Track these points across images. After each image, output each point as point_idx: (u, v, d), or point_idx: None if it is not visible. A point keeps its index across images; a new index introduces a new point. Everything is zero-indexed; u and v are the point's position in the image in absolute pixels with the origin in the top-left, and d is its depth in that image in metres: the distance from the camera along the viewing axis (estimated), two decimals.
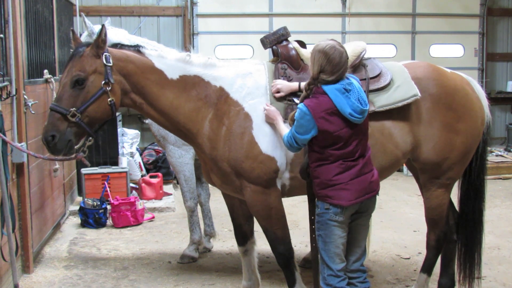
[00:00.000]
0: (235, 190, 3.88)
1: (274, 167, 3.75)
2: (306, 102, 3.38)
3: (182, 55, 3.85)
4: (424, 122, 3.95)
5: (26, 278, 5.02)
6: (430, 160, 4.00)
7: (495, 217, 6.88)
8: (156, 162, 8.78)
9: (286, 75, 3.91)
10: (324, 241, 3.45)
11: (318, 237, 3.49)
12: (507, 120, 11.69)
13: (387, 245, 5.85)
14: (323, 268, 3.48)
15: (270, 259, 5.23)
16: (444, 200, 4.14)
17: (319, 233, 3.48)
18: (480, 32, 10.96)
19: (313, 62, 3.37)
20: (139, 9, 10.26)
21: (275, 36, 4.10)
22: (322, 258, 3.48)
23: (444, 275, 4.36)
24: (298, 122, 3.38)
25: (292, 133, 3.44)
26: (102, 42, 3.56)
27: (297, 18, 10.22)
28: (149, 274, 5.14)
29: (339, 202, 3.38)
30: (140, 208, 6.84)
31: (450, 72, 4.21)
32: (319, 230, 3.48)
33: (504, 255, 5.54)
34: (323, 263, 3.48)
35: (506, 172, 9.30)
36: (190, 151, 5.32)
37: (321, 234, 3.46)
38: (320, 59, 3.34)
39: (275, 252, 3.94)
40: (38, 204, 5.57)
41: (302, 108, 3.37)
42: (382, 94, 3.87)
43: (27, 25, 5.41)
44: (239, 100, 3.79)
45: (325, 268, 3.47)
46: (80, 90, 3.52)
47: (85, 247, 5.98)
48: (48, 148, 3.54)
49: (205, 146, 3.79)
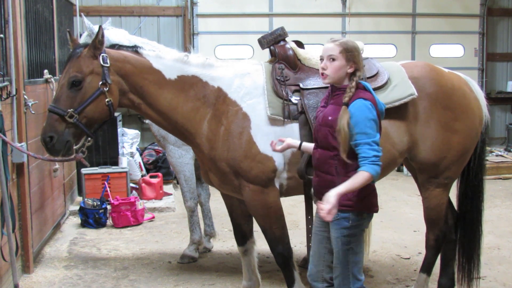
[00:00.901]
0: (233, 189, 3.88)
1: (272, 166, 3.76)
2: (363, 96, 3.10)
3: (180, 55, 3.86)
4: (421, 121, 3.95)
5: (26, 278, 5.03)
6: (427, 159, 4.00)
7: (495, 217, 6.88)
8: (156, 162, 8.78)
9: (283, 75, 3.92)
10: (355, 253, 3.21)
11: (348, 250, 3.19)
12: (507, 120, 11.70)
13: (387, 245, 5.86)
14: (350, 282, 3.22)
15: (270, 259, 5.23)
16: (442, 199, 4.14)
17: (351, 246, 3.19)
18: (480, 32, 10.97)
19: (356, 59, 3.16)
20: (139, 9, 10.27)
21: (273, 36, 4.11)
22: (352, 272, 3.21)
23: (444, 275, 4.36)
24: (368, 122, 3.04)
25: (373, 141, 3.04)
26: (99, 43, 3.56)
27: (297, 18, 10.23)
28: (149, 274, 5.14)
29: (376, 209, 3.25)
30: (140, 208, 6.84)
31: (447, 72, 4.21)
32: (350, 244, 3.19)
33: (504, 255, 5.54)
34: (352, 277, 3.22)
35: (506, 172, 9.30)
36: (190, 151, 5.32)
37: (352, 247, 3.19)
38: (359, 56, 3.20)
39: (274, 252, 3.94)
40: (38, 204, 5.57)
41: (367, 103, 3.07)
42: (379, 94, 3.86)
43: (27, 25, 5.41)
44: (237, 100, 3.80)
45: (352, 282, 3.22)
46: (78, 91, 3.52)
47: (85, 247, 5.98)
48: (46, 149, 3.55)
49: (204, 146, 3.80)
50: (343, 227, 3.17)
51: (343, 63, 3.15)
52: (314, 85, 3.86)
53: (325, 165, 3.21)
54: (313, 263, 3.43)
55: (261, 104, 3.80)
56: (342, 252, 3.20)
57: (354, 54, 3.16)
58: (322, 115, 3.25)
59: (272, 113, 3.77)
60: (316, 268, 3.41)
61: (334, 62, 3.16)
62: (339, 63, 3.15)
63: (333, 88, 3.26)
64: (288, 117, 3.78)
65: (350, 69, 3.17)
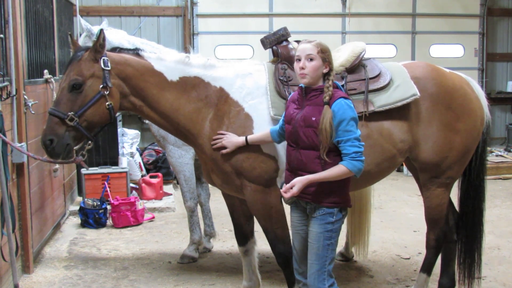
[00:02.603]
0: (235, 189, 3.88)
1: (275, 166, 3.76)
2: (343, 96, 3.23)
3: (181, 56, 3.86)
4: (423, 121, 3.95)
5: (26, 278, 5.02)
6: (429, 159, 4.00)
7: (495, 217, 6.88)
8: (156, 162, 8.78)
9: (286, 75, 3.91)
10: (333, 249, 3.33)
11: (329, 246, 3.29)
12: (507, 120, 11.70)
13: (387, 245, 5.86)
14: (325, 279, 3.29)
15: (270, 259, 5.23)
16: (443, 199, 4.14)
17: (331, 241, 3.30)
18: (480, 32, 10.98)
19: (330, 59, 3.30)
20: (139, 9, 10.27)
21: (275, 36, 4.11)
22: (328, 269, 3.30)
23: (444, 275, 4.36)
24: (351, 121, 3.17)
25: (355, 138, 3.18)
26: (100, 46, 3.56)
27: (297, 18, 10.23)
28: (149, 274, 5.14)
29: (351, 203, 3.38)
30: (140, 208, 6.84)
31: (449, 72, 4.22)
32: (331, 239, 3.30)
33: (504, 255, 5.54)
34: (327, 274, 3.30)
35: (506, 172, 9.31)
36: (190, 151, 5.33)
37: (332, 242, 3.31)
38: (330, 57, 3.32)
39: (275, 252, 3.94)
40: (38, 204, 5.57)
41: (348, 102, 3.21)
42: (381, 94, 3.88)
43: (27, 25, 5.41)
44: (239, 100, 3.80)
45: (327, 279, 3.30)
46: (78, 94, 3.52)
47: (85, 247, 5.98)
48: (46, 152, 3.55)
49: (206, 146, 3.79)
50: (327, 222, 3.29)
51: (320, 63, 3.28)
52: None
53: (312, 165, 3.27)
54: (300, 261, 3.48)
55: (263, 104, 3.80)
56: (322, 248, 3.30)
57: (329, 55, 3.31)
58: (303, 117, 3.30)
59: (276, 113, 3.76)
60: (303, 264, 3.45)
61: (312, 62, 3.28)
62: (317, 63, 3.28)
63: (307, 89, 3.34)
64: None
65: (326, 69, 3.30)
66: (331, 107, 3.19)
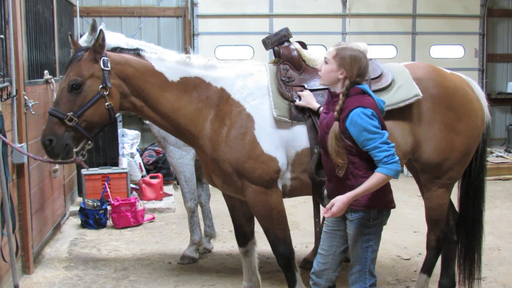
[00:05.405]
0: (236, 190, 3.88)
1: (276, 167, 3.75)
2: (360, 103, 3.13)
3: (182, 57, 3.86)
4: (425, 122, 3.95)
5: (26, 278, 5.02)
6: (430, 160, 4.00)
7: (495, 218, 6.88)
8: (157, 163, 8.78)
9: (287, 76, 3.91)
10: (374, 250, 3.30)
11: (368, 248, 3.27)
12: (507, 121, 11.69)
13: (387, 246, 5.85)
14: (366, 278, 3.32)
15: (270, 260, 5.23)
16: (444, 200, 4.14)
17: (370, 243, 3.28)
18: (480, 33, 10.97)
19: (347, 66, 3.20)
20: (139, 10, 10.26)
21: (277, 37, 4.10)
22: (369, 268, 3.30)
23: (445, 276, 4.36)
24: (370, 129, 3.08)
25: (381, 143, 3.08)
26: (99, 46, 3.56)
27: (297, 19, 10.22)
28: (149, 275, 5.14)
29: (393, 204, 3.33)
30: (140, 208, 6.84)
31: (449, 73, 4.22)
32: (369, 241, 3.27)
33: (504, 256, 5.54)
34: (369, 273, 3.31)
35: (506, 173, 9.30)
36: (190, 152, 5.33)
37: (371, 244, 3.28)
38: (358, 62, 3.20)
39: (275, 253, 3.94)
40: (38, 204, 5.57)
41: (366, 111, 3.10)
42: (383, 95, 3.87)
43: (27, 26, 5.41)
44: (240, 100, 3.80)
45: (369, 279, 3.32)
46: (77, 94, 3.52)
47: (85, 247, 5.98)
48: (46, 152, 3.55)
49: (207, 147, 3.79)
50: (364, 225, 3.24)
51: (334, 67, 3.24)
52: (319, 86, 3.84)
53: None
54: (321, 260, 3.45)
55: (264, 104, 3.79)
56: (361, 250, 3.27)
57: (347, 62, 3.21)
58: (326, 124, 3.29)
59: (279, 114, 3.75)
60: (324, 266, 3.43)
61: (326, 65, 3.28)
62: (329, 67, 3.26)
63: (333, 94, 3.32)
64: (295, 118, 3.77)
65: (341, 75, 3.23)
66: (346, 122, 3.13)
